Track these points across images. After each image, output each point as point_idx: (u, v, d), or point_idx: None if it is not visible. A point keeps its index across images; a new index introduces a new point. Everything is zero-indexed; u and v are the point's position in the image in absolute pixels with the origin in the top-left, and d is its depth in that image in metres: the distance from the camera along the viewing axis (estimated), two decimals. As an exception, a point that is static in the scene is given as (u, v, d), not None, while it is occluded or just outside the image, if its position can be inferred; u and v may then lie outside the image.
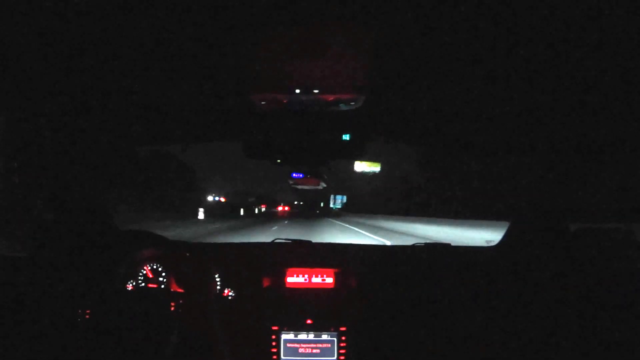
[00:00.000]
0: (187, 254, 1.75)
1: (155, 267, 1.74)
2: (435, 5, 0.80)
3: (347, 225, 19.22)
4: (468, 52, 1.00)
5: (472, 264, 1.82)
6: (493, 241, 2.07)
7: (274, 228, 16.23)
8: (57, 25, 0.89)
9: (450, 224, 15.32)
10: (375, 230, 15.87)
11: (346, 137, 1.53)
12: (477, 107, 1.42)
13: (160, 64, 1.10)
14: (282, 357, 1.63)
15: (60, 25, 0.88)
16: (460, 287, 1.73)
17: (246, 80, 1.24)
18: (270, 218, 27.50)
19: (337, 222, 23.05)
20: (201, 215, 22.30)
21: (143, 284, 1.73)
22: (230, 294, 1.74)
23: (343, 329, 1.63)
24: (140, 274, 1.73)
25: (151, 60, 1.08)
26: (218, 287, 1.74)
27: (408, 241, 2.14)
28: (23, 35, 0.92)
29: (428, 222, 16.67)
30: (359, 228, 17.12)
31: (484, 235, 6.91)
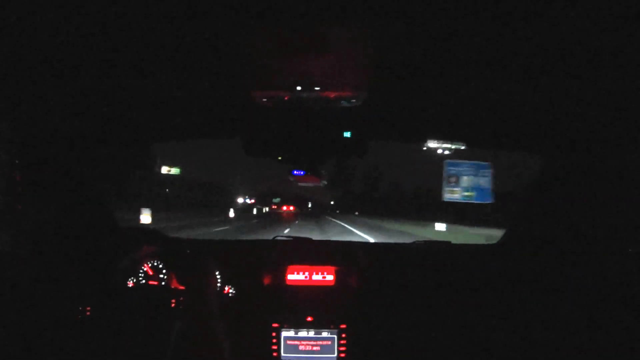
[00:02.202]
0: (188, 251, 1.75)
1: (155, 264, 1.74)
2: (436, 2, 0.80)
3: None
4: (470, 48, 1.00)
5: (472, 262, 1.82)
6: (493, 239, 2.07)
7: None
8: (57, 24, 0.88)
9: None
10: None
11: (347, 134, 1.53)
12: (478, 105, 1.41)
13: (161, 60, 1.10)
14: (282, 354, 1.63)
15: (60, 23, 0.88)
16: (460, 284, 1.73)
17: (247, 77, 1.23)
18: (267, 223, 20.75)
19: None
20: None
21: (143, 281, 1.73)
22: (230, 291, 1.74)
23: (343, 326, 1.63)
24: (141, 271, 1.73)
25: (151, 57, 1.08)
26: (218, 284, 1.74)
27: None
28: (22, 35, 0.92)
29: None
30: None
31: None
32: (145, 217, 14.34)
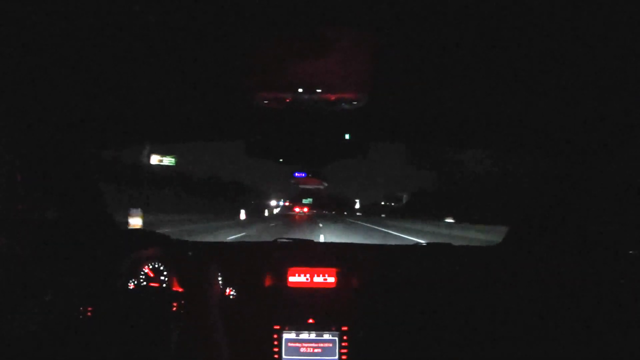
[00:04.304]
0: (189, 253, 1.75)
1: (156, 266, 1.74)
2: (438, 5, 0.80)
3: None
4: (471, 51, 1.00)
5: (473, 264, 1.81)
6: (494, 241, 2.07)
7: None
8: (59, 25, 0.89)
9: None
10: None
11: (348, 136, 1.53)
12: (479, 108, 1.42)
13: (164, 62, 1.10)
14: (283, 356, 1.63)
15: (64, 24, 0.88)
16: (462, 286, 1.73)
17: (249, 79, 1.24)
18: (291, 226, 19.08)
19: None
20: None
21: (144, 283, 1.73)
22: (232, 293, 1.74)
23: (345, 328, 1.63)
24: (142, 273, 1.73)
25: (154, 58, 1.08)
26: (220, 287, 1.74)
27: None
28: (24, 37, 0.93)
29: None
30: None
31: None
32: (135, 220, 12.18)
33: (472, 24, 0.87)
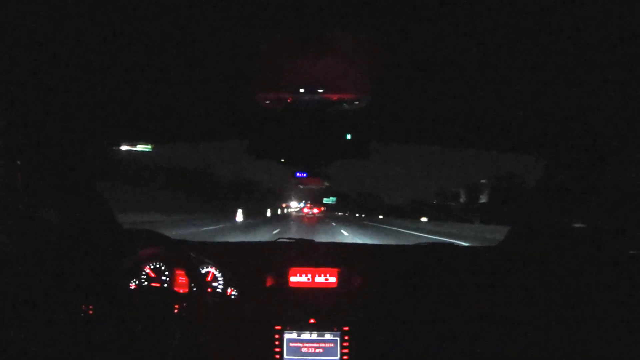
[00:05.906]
0: (190, 253, 1.75)
1: (157, 266, 1.74)
2: (440, 5, 0.80)
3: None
4: (473, 52, 1.00)
5: (475, 263, 1.81)
6: (496, 240, 2.07)
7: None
8: (60, 24, 0.88)
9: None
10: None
11: (349, 136, 1.53)
12: (481, 108, 1.42)
13: (166, 62, 1.10)
14: (284, 356, 1.62)
15: (65, 23, 0.88)
16: (463, 286, 1.72)
17: (251, 79, 1.24)
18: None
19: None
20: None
21: (146, 283, 1.73)
22: (233, 293, 1.74)
23: (346, 328, 1.63)
24: (143, 273, 1.73)
25: (156, 58, 1.08)
26: (221, 286, 1.74)
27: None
28: (25, 36, 0.92)
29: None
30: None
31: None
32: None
33: (473, 24, 0.86)
